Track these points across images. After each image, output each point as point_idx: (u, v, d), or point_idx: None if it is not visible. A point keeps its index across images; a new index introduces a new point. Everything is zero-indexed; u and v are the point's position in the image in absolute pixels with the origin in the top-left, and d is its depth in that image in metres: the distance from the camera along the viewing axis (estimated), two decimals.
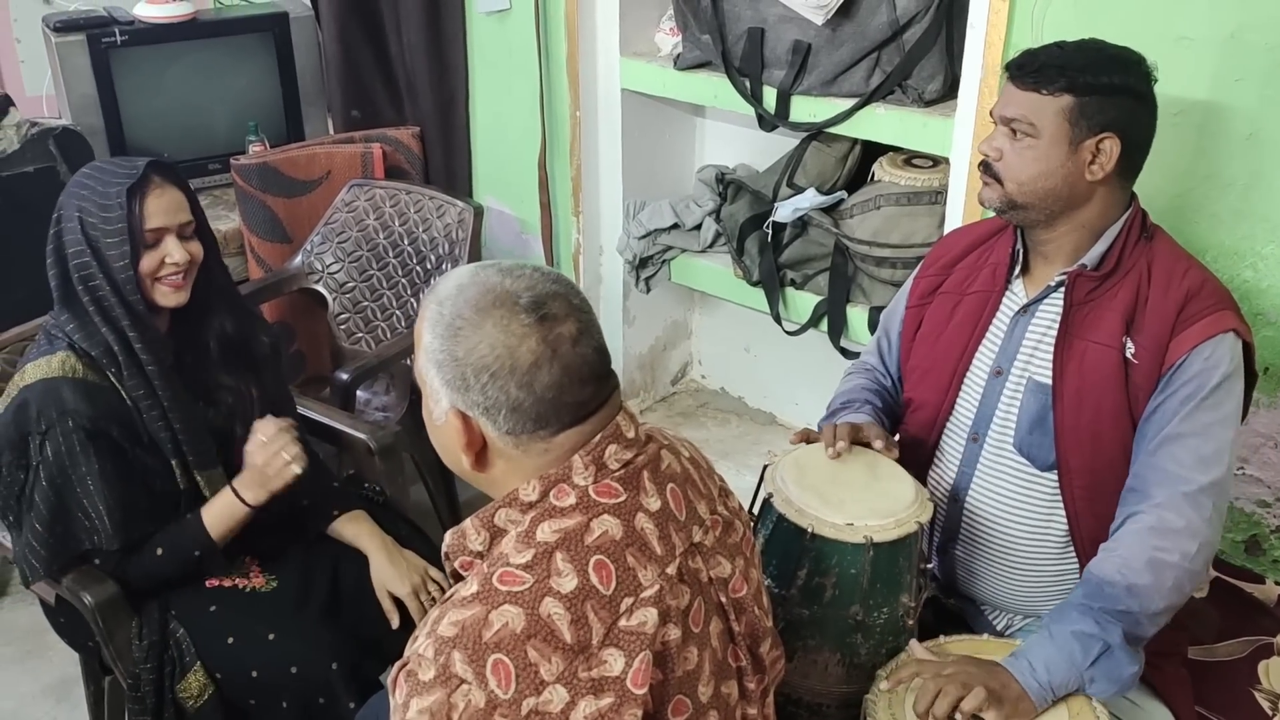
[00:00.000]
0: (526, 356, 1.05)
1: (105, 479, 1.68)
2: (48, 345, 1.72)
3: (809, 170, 2.53)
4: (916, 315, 1.76)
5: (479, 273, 1.11)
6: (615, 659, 1.04)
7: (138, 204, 1.67)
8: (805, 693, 1.57)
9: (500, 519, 1.11)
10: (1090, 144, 1.48)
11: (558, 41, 2.76)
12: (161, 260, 1.70)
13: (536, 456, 1.10)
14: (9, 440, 1.68)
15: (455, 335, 1.07)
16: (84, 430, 1.66)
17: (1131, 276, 1.54)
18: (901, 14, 2.25)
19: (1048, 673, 1.42)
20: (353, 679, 1.75)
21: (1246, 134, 1.81)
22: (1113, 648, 1.44)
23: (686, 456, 1.22)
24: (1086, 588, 1.48)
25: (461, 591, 1.07)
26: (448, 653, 1.01)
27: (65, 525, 1.70)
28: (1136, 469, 1.52)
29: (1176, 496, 1.47)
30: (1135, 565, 1.45)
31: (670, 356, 3.26)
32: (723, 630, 1.18)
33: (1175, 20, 1.81)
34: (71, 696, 2.25)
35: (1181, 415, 1.48)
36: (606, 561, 1.07)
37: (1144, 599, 1.45)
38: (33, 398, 1.67)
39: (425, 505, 2.62)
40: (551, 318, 1.07)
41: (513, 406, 1.07)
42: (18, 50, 3.39)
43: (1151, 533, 1.47)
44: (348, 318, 2.73)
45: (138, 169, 1.68)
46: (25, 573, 1.75)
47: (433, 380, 1.10)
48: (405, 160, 3.04)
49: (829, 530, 1.49)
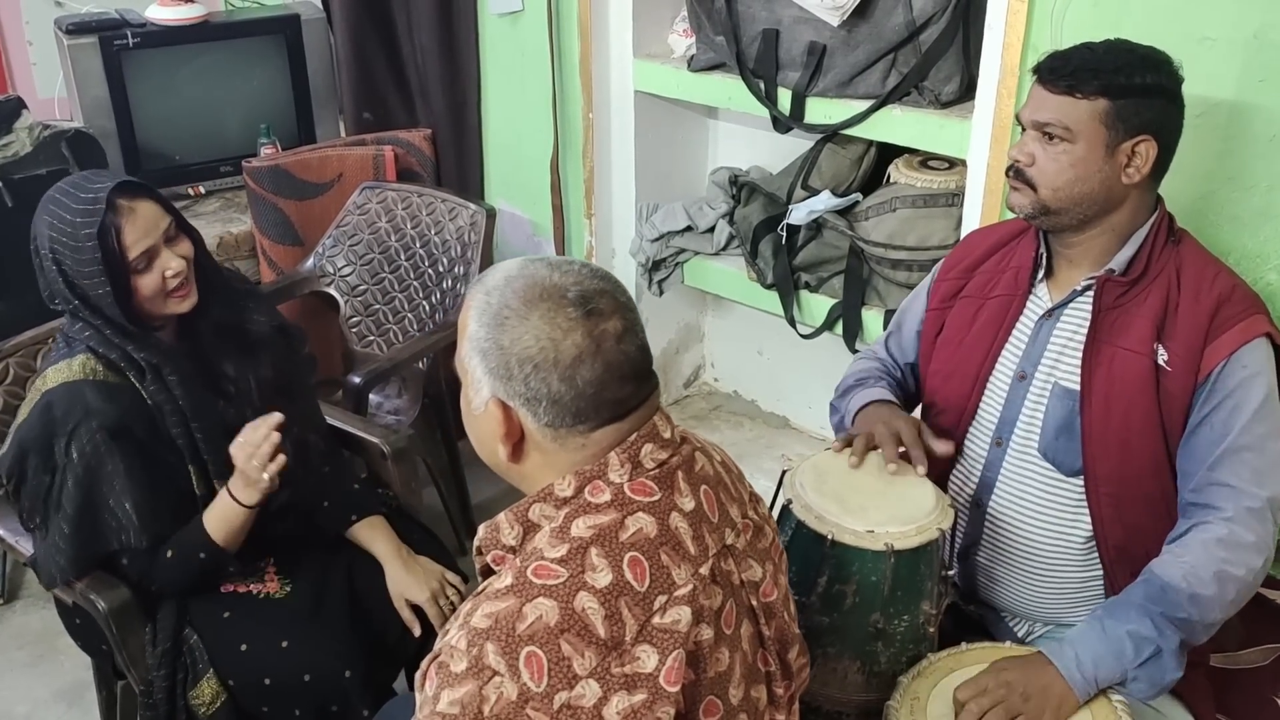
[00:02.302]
0: (570, 350, 1.05)
1: (131, 477, 1.68)
2: (67, 349, 1.71)
3: (824, 172, 2.51)
4: (938, 319, 1.74)
5: (527, 265, 1.11)
6: (648, 656, 1.04)
7: (113, 239, 1.62)
8: (825, 701, 1.56)
9: (534, 513, 1.11)
10: (1127, 147, 1.47)
11: (570, 43, 2.75)
12: (162, 275, 1.68)
13: (573, 451, 1.10)
14: (35, 443, 1.68)
15: (501, 325, 1.07)
16: (108, 430, 1.66)
17: (1160, 281, 1.52)
18: (918, 15, 2.23)
19: (1095, 667, 1.43)
20: (367, 686, 1.74)
21: (1270, 135, 1.79)
22: (1164, 652, 1.44)
23: (719, 460, 1.22)
24: (1149, 589, 1.47)
25: (495, 584, 1.06)
26: (481, 644, 1.01)
27: (92, 526, 1.69)
28: (1195, 484, 1.50)
29: (1243, 511, 1.46)
30: (1203, 575, 1.44)
31: (683, 359, 3.25)
32: (753, 634, 1.18)
33: (1197, 20, 1.79)
34: (83, 701, 2.24)
35: (1237, 429, 1.47)
36: (641, 558, 1.06)
37: (1205, 609, 1.45)
38: (56, 400, 1.67)
39: (437, 509, 2.61)
40: (597, 313, 1.07)
41: (554, 399, 1.07)
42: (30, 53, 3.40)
43: (1221, 545, 1.46)
44: (360, 321, 2.73)
45: (100, 205, 1.60)
46: (50, 575, 1.73)
47: (475, 368, 1.09)
48: (417, 162, 3.03)
49: (849, 537, 1.48)
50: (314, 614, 1.79)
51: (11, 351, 2.02)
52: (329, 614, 1.80)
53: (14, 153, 2.67)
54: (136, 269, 1.66)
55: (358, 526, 1.90)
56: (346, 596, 1.83)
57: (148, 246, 1.66)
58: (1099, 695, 1.44)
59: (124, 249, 1.64)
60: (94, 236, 1.60)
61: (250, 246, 2.97)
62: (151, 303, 1.69)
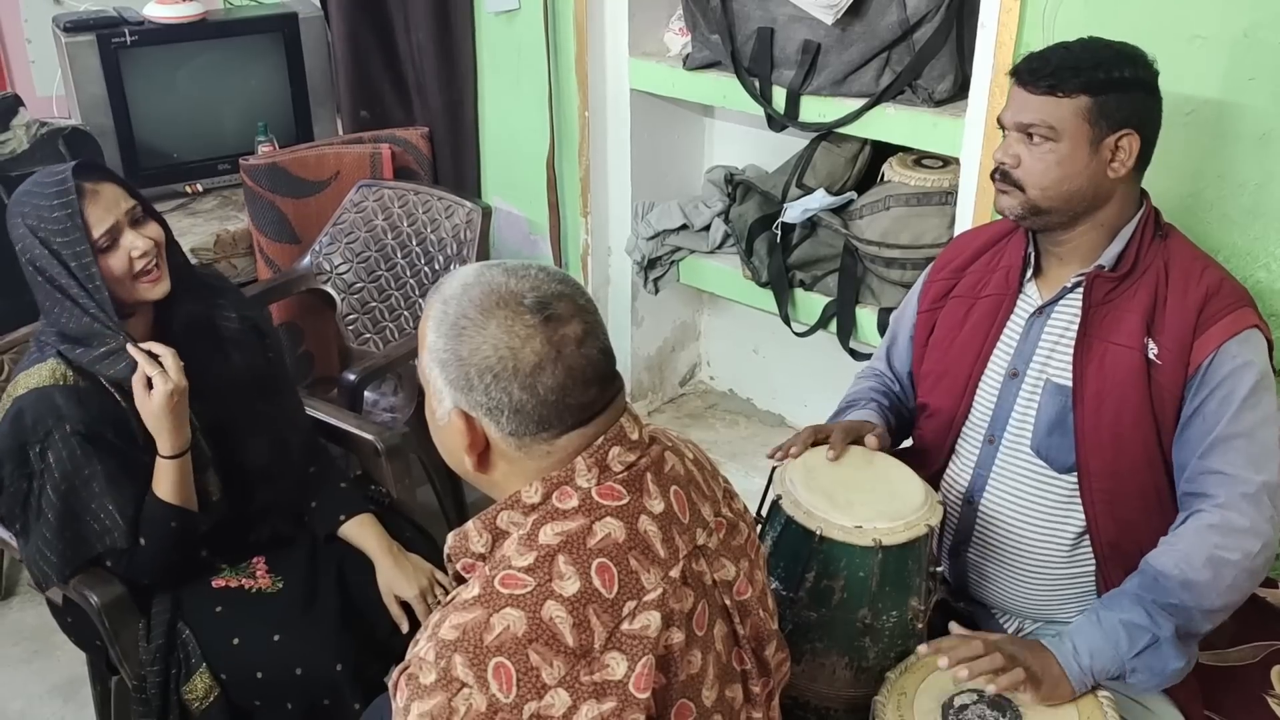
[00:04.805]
0: (530, 358, 1.04)
1: (111, 480, 1.68)
2: (38, 354, 1.71)
3: (818, 171, 2.51)
4: (929, 320, 1.75)
5: (484, 272, 1.09)
6: (618, 663, 1.03)
7: (79, 219, 1.62)
8: (813, 696, 1.56)
9: (502, 521, 1.10)
10: (1110, 142, 1.47)
11: (566, 41, 2.75)
12: (129, 256, 1.67)
13: (539, 459, 1.09)
14: (8, 450, 1.67)
15: (459, 335, 1.06)
16: (80, 435, 1.66)
17: (1149, 276, 1.53)
18: (912, 13, 2.24)
19: (1090, 658, 1.43)
20: (358, 680, 1.75)
21: (1259, 133, 1.79)
22: (1161, 641, 1.44)
23: (690, 458, 1.21)
24: (1142, 578, 1.47)
25: (463, 594, 1.06)
26: (449, 656, 1.01)
27: (75, 531, 1.69)
28: (1189, 475, 1.50)
29: (1236, 497, 1.46)
30: (1195, 561, 1.45)
31: (679, 358, 3.25)
32: (727, 633, 1.17)
33: (1187, 19, 1.80)
34: (79, 697, 2.25)
35: (1227, 417, 1.47)
36: (609, 564, 1.06)
37: (1199, 595, 1.45)
38: (27, 407, 1.66)
39: (432, 507, 2.61)
40: (556, 318, 1.06)
41: (515, 408, 1.06)
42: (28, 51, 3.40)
43: (1214, 530, 1.46)
44: (356, 318, 2.73)
45: (69, 184, 1.62)
46: (42, 577, 1.74)
47: (436, 380, 1.09)
48: (414, 161, 3.04)
49: (837, 533, 1.48)
50: (305, 609, 1.80)
51: (7, 348, 2.03)
52: (320, 609, 1.81)
53: (11, 150, 2.68)
54: (101, 248, 1.65)
55: (348, 525, 1.90)
56: (338, 591, 1.84)
57: (110, 224, 1.65)
58: (1086, 693, 1.44)
59: (88, 228, 1.63)
60: (73, 203, 1.60)
61: (247, 244, 2.98)
62: (121, 285, 1.67)
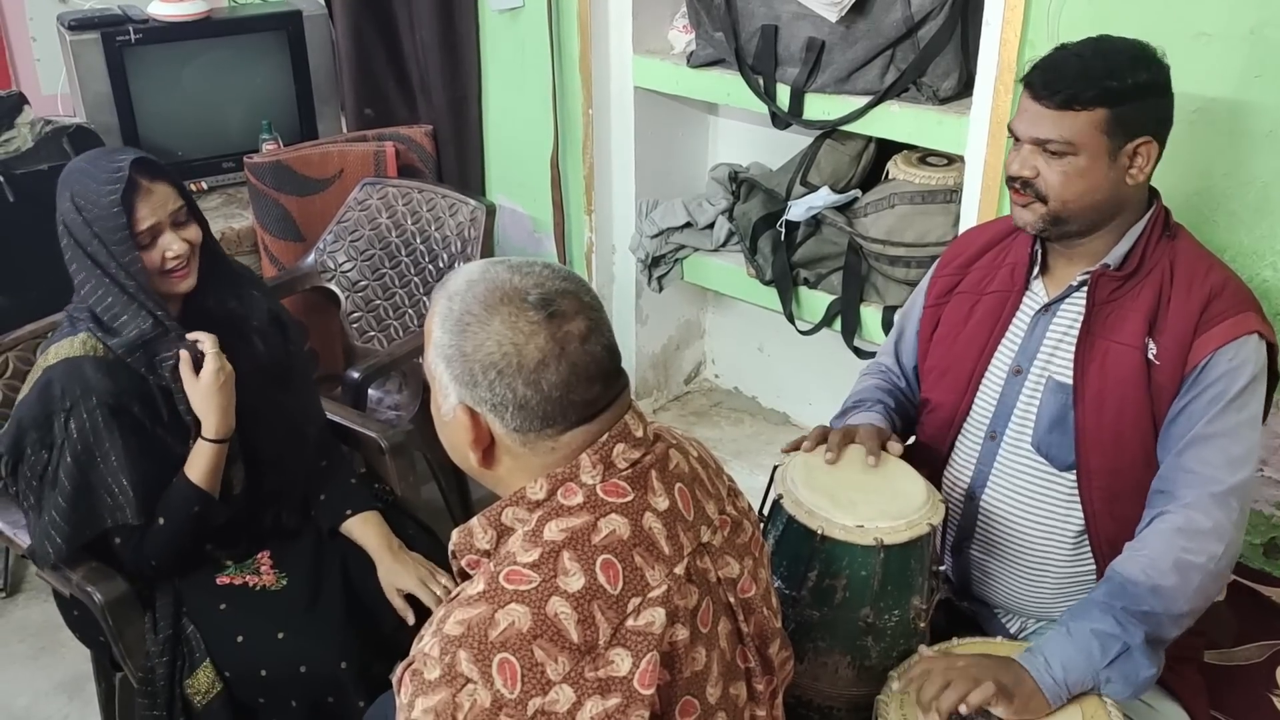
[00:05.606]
0: (534, 354, 1.05)
1: (129, 455, 1.69)
2: (70, 328, 1.73)
3: (822, 168, 2.51)
4: (934, 315, 1.74)
5: (489, 269, 1.10)
6: (622, 659, 1.03)
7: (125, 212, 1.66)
8: (815, 695, 1.56)
9: (507, 517, 1.11)
10: (1129, 149, 1.46)
11: (570, 39, 2.75)
12: (163, 255, 1.71)
13: (544, 455, 1.10)
14: (34, 419, 1.69)
15: (464, 331, 1.07)
16: (107, 407, 1.67)
17: (1154, 276, 1.52)
18: (916, 11, 2.23)
19: (1063, 670, 1.41)
20: (362, 678, 1.75)
21: (1267, 131, 1.79)
22: (1132, 649, 1.42)
23: (695, 456, 1.22)
24: (1109, 586, 1.46)
25: (468, 590, 1.06)
26: (453, 652, 1.01)
27: (89, 502, 1.70)
28: (1163, 471, 1.50)
29: (1204, 497, 1.45)
30: (1162, 566, 1.43)
31: (683, 356, 3.25)
32: (731, 631, 1.18)
33: (1194, 16, 1.79)
34: (84, 693, 2.25)
35: (1209, 417, 1.46)
36: (614, 561, 1.06)
37: (1168, 600, 1.43)
38: (56, 377, 1.68)
39: (438, 504, 2.62)
40: (560, 315, 1.06)
41: (520, 404, 1.06)
42: (33, 49, 3.40)
43: (1179, 534, 1.45)
44: (360, 316, 2.73)
45: (123, 174, 1.65)
46: (44, 553, 1.74)
47: (441, 375, 1.09)
48: (418, 159, 3.04)
49: (839, 532, 1.48)
50: (310, 606, 1.80)
51: (11, 345, 2.02)
52: (325, 606, 1.81)
53: (15, 148, 2.68)
54: (140, 244, 1.68)
55: (351, 521, 1.91)
56: (342, 588, 1.84)
57: (153, 223, 1.69)
58: (1089, 693, 1.43)
59: (133, 223, 1.67)
60: (119, 203, 1.64)
61: (252, 242, 2.98)
62: (149, 278, 1.71)
